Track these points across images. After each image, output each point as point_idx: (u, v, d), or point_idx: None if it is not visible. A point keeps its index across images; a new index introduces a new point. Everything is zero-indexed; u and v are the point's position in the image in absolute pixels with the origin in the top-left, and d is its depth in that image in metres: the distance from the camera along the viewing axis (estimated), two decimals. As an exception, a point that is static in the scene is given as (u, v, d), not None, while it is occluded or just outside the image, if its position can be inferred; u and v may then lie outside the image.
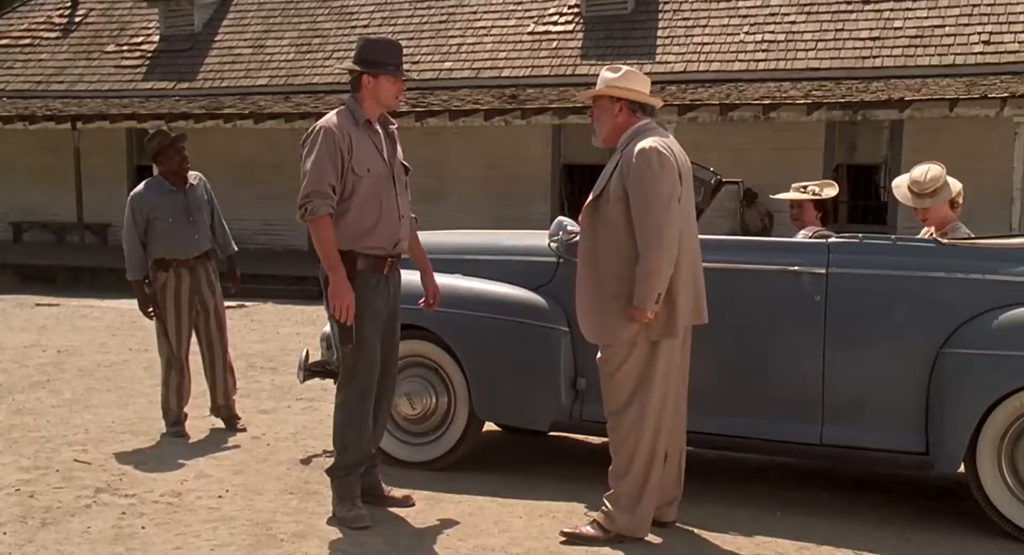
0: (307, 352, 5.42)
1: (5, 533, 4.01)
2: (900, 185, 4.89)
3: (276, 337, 10.07)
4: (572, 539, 4.04)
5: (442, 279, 5.00)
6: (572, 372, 4.77)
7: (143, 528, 4.10)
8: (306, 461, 5.19)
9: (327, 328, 5.45)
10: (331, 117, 4.23)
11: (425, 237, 5.76)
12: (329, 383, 5.82)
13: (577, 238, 4.78)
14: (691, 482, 4.33)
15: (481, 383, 4.85)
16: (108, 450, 5.36)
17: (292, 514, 4.31)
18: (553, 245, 4.85)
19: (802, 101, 12.81)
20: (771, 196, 6.25)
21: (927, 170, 4.78)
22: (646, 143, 3.94)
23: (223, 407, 5.96)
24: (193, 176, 5.94)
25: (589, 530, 4.06)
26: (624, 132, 4.07)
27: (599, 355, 4.15)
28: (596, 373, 4.72)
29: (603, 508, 4.08)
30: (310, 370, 5.40)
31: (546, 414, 4.80)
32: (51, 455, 5.23)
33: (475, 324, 4.84)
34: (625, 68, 4.15)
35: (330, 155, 4.11)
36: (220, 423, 5.96)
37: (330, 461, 5.13)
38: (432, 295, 4.58)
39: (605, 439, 5.13)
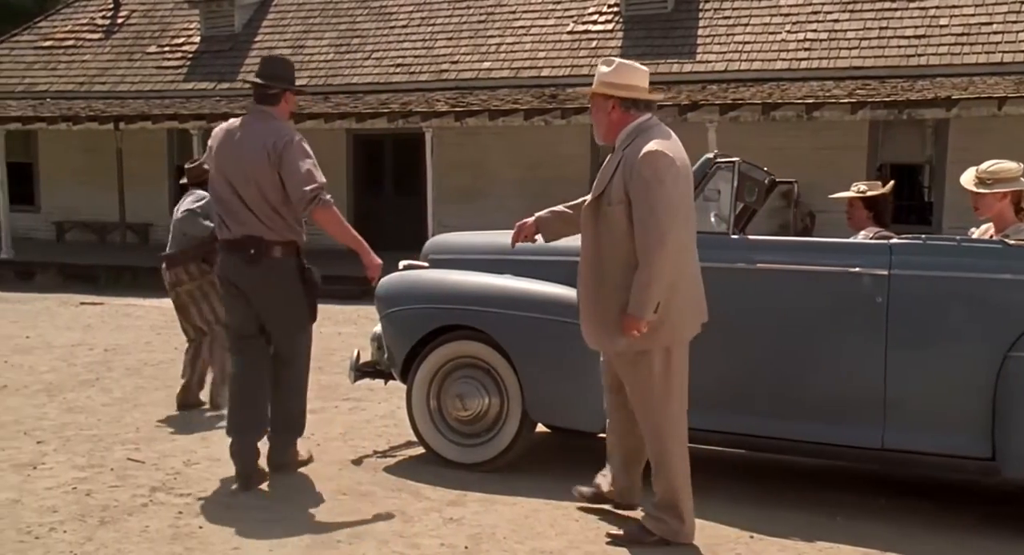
0: (358, 353, 5.43)
1: (65, 532, 4.02)
2: (971, 170, 4.77)
3: (319, 336, 10.01)
4: (617, 540, 4.02)
5: (494, 279, 5.00)
6: (626, 373, 4.71)
7: (200, 528, 4.10)
8: (357, 462, 5.18)
9: (377, 328, 5.46)
10: (290, 126, 4.75)
11: (476, 237, 5.76)
12: (376, 383, 5.83)
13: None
14: (747, 485, 4.26)
15: (533, 384, 4.81)
16: (160, 449, 5.37)
17: (346, 515, 4.29)
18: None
19: (846, 100, 12.67)
20: (829, 196, 6.13)
21: (1003, 161, 4.68)
22: (652, 146, 3.77)
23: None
24: None
25: (634, 532, 4.03)
26: (622, 129, 3.91)
27: (604, 360, 4.09)
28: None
29: (647, 511, 4.05)
30: (361, 370, 5.40)
31: (598, 416, 4.74)
32: (104, 454, 5.25)
33: (528, 325, 4.80)
34: (618, 61, 3.98)
35: (313, 159, 4.59)
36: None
37: (381, 462, 5.15)
38: None
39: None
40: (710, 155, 4.76)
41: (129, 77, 18.10)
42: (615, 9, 16.23)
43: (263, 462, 4.74)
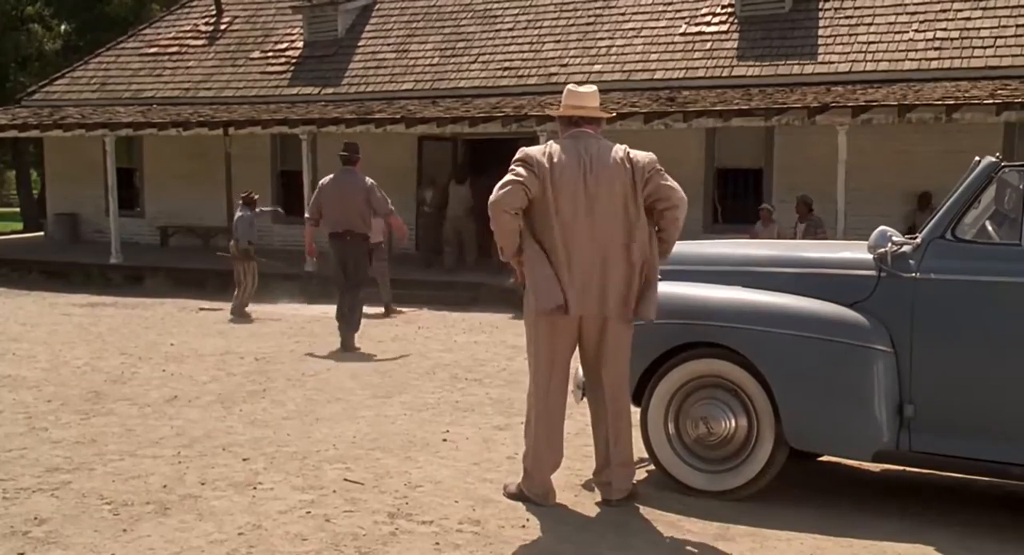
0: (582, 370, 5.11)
1: (329, 564, 3.76)
2: None
3: (456, 346, 9.85)
4: (508, 494, 4.61)
5: (747, 294, 4.67)
6: (896, 397, 4.35)
7: (469, 562, 3.81)
8: (588, 487, 4.86)
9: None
10: (368, 177, 9.37)
11: (704, 247, 5.44)
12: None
13: (905, 249, 4.40)
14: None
15: (791, 407, 4.45)
16: (370, 468, 5.11)
17: (619, 550, 3.97)
18: (875, 257, 4.43)
19: (989, 101, 12.12)
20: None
21: None
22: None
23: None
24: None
25: (513, 489, 4.61)
26: None
27: None
28: (927, 400, 4.34)
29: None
30: (584, 389, 5.09)
31: (867, 443, 4.36)
32: (317, 473, 5.00)
33: (789, 344, 4.45)
34: (568, 87, 4.61)
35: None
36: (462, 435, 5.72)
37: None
38: None
39: (935, 473, 4.72)
40: (993, 158, 4.38)
41: (234, 83, 18.08)
42: (729, 10, 15.81)
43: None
